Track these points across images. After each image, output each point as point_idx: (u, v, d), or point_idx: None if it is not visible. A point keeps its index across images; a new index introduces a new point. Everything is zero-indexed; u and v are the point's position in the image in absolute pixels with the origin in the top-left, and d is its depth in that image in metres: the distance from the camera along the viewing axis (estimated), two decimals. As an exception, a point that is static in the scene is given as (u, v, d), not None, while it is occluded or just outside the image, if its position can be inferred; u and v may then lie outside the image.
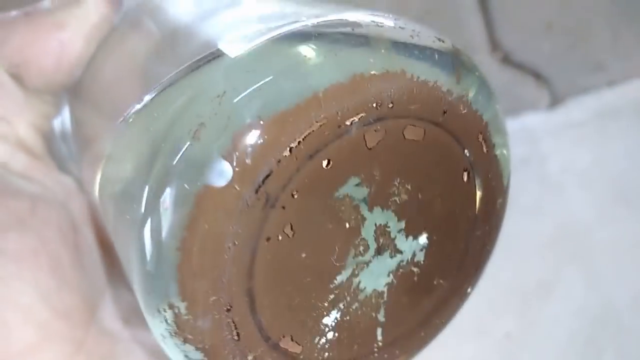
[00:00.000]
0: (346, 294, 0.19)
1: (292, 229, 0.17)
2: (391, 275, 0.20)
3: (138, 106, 0.18)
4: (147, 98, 0.18)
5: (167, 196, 0.16)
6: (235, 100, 0.16)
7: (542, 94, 0.69)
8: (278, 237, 0.17)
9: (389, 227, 0.19)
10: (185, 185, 0.16)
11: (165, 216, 0.16)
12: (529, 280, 0.66)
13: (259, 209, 0.16)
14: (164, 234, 0.16)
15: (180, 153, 0.16)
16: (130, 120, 0.18)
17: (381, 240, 0.19)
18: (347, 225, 0.18)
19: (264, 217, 0.16)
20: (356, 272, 0.19)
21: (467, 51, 0.20)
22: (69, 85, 0.22)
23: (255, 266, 0.17)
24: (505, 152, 0.21)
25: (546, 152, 0.69)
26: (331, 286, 0.19)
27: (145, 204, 0.17)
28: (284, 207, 0.17)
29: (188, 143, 0.16)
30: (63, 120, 0.23)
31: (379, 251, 0.19)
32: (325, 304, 0.19)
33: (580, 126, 0.70)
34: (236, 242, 0.16)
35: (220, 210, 0.16)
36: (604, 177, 0.69)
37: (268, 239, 0.17)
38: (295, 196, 0.17)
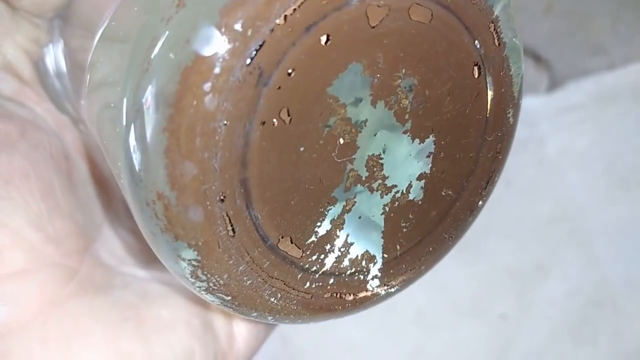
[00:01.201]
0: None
1: (288, 114, 0.16)
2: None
3: (119, 1, 0.17)
4: None
5: (149, 94, 0.15)
6: None
7: (542, 76, 0.69)
8: (273, 121, 0.16)
9: (392, 131, 0.18)
10: (171, 55, 0.14)
11: (148, 114, 0.15)
12: (526, 262, 0.67)
13: (252, 86, 0.15)
14: (149, 123, 0.15)
15: (161, 37, 0.15)
16: (110, 21, 0.17)
17: (384, 145, 0.18)
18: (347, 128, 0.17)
19: (257, 95, 0.15)
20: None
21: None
22: (59, 6, 0.21)
23: (249, 153, 0.16)
24: (516, 58, 0.19)
25: (545, 135, 0.70)
26: (333, 190, 0.18)
27: (127, 107, 0.15)
28: (279, 87, 0.15)
29: (166, 26, 0.15)
30: (56, 56, 0.22)
31: (379, 159, 0.18)
32: (327, 209, 0.18)
33: (579, 109, 0.70)
34: (227, 122, 0.15)
35: (208, 83, 0.14)
36: (602, 160, 0.69)
37: (263, 123, 0.15)
38: (292, 75, 0.15)
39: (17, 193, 0.19)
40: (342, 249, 0.19)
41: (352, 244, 0.19)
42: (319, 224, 0.18)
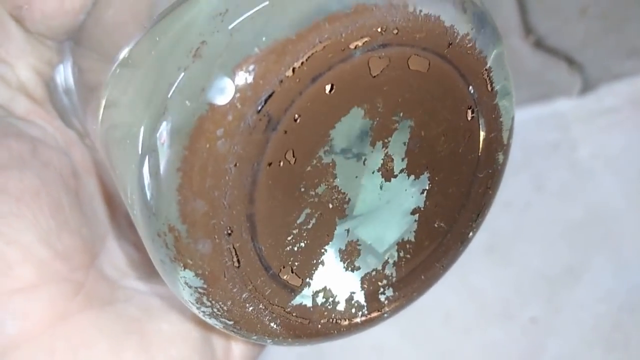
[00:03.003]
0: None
1: (293, 155, 0.17)
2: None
3: (137, 38, 0.18)
4: (147, 27, 0.18)
5: (164, 130, 0.16)
6: (238, 19, 0.16)
7: (575, 79, 0.68)
8: (280, 162, 0.17)
9: (390, 166, 0.19)
10: (187, 102, 0.16)
11: (162, 150, 0.16)
12: (556, 265, 0.66)
13: (261, 131, 0.16)
14: (163, 159, 0.16)
15: (177, 82, 0.16)
16: (128, 56, 0.18)
17: (383, 182, 0.19)
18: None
19: (265, 140, 0.16)
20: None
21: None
22: (71, 29, 0.21)
23: (256, 191, 0.17)
24: (507, 104, 0.20)
25: (577, 138, 0.69)
26: (334, 223, 0.19)
27: (142, 141, 0.16)
28: (286, 132, 0.16)
29: (182, 74, 0.16)
30: (66, 74, 0.23)
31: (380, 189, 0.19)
32: (327, 241, 0.19)
33: (612, 112, 0.69)
34: (237, 164, 0.16)
35: (221, 129, 0.15)
36: (635, 164, 0.68)
37: (270, 164, 0.17)
38: (298, 120, 0.17)
39: (27, 210, 0.20)
40: (340, 279, 0.20)
41: (349, 273, 0.20)
42: (319, 255, 0.19)
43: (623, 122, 0.69)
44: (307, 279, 0.19)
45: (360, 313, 0.21)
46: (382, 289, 0.21)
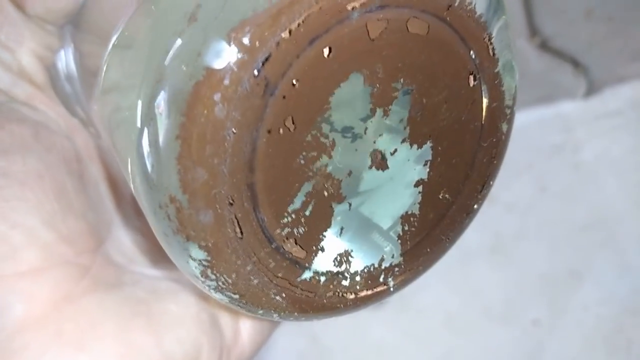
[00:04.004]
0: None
1: (293, 122, 0.17)
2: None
3: (133, 11, 0.18)
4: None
5: (161, 98, 0.16)
6: None
7: (580, 81, 0.68)
8: (279, 130, 0.17)
9: (392, 135, 0.19)
10: (183, 68, 0.15)
11: (160, 119, 0.16)
12: (560, 267, 0.66)
13: (259, 96, 0.16)
14: (161, 128, 0.16)
15: (173, 48, 0.16)
16: (124, 28, 0.18)
17: (383, 151, 0.19)
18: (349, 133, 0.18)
19: (264, 105, 0.16)
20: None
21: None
22: (71, 13, 0.21)
23: (256, 159, 0.16)
24: (510, 76, 0.20)
25: (581, 141, 0.69)
26: (336, 194, 0.19)
27: (141, 111, 0.16)
28: (284, 97, 0.16)
29: (178, 39, 0.15)
30: (67, 61, 0.23)
31: (381, 165, 0.19)
32: (330, 213, 0.19)
33: (616, 115, 0.69)
34: (235, 130, 0.16)
35: (218, 94, 0.15)
36: (638, 167, 0.68)
37: (269, 131, 0.16)
38: (296, 85, 0.16)
39: (31, 194, 0.20)
40: (344, 251, 0.20)
41: (353, 246, 0.20)
42: (322, 226, 0.19)
43: (627, 125, 0.69)
44: (312, 252, 0.19)
45: (365, 287, 0.21)
46: (387, 263, 0.21)
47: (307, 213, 0.18)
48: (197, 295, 0.22)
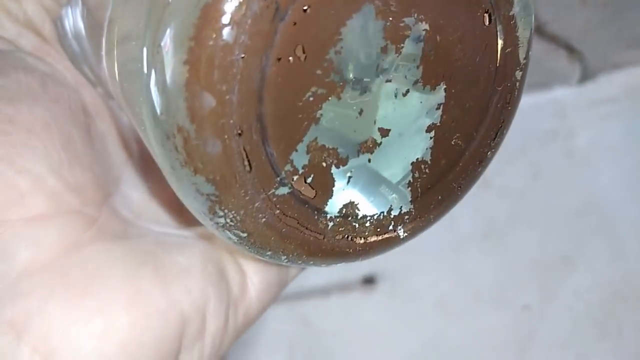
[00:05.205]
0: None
1: (303, 51, 0.16)
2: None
3: None
4: None
5: (169, 23, 0.15)
6: None
7: (574, 67, 0.68)
8: (289, 58, 0.16)
9: (404, 74, 0.18)
10: None
11: (167, 57, 0.15)
12: (551, 253, 0.66)
13: (269, 20, 0.15)
14: (169, 53, 0.15)
15: None
16: None
17: (396, 92, 0.18)
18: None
19: (273, 30, 0.15)
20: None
21: None
22: None
23: (265, 89, 0.16)
24: (525, 21, 0.19)
25: (575, 127, 0.69)
26: (347, 134, 0.18)
27: (148, 39, 0.16)
28: (295, 24, 0.16)
29: None
30: (75, 19, 0.23)
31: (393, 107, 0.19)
32: (341, 153, 0.18)
33: (610, 102, 0.69)
34: (244, 55, 0.15)
35: (227, 16, 0.15)
36: (632, 154, 0.68)
37: (279, 59, 0.16)
38: (307, 11, 0.16)
39: (38, 141, 0.19)
40: (354, 193, 0.19)
41: (364, 188, 0.19)
42: (333, 166, 0.18)
43: (621, 111, 0.69)
44: (321, 193, 0.19)
45: (375, 233, 0.20)
46: (397, 210, 0.20)
47: (319, 152, 0.18)
48: (205, 248, 0.22)
